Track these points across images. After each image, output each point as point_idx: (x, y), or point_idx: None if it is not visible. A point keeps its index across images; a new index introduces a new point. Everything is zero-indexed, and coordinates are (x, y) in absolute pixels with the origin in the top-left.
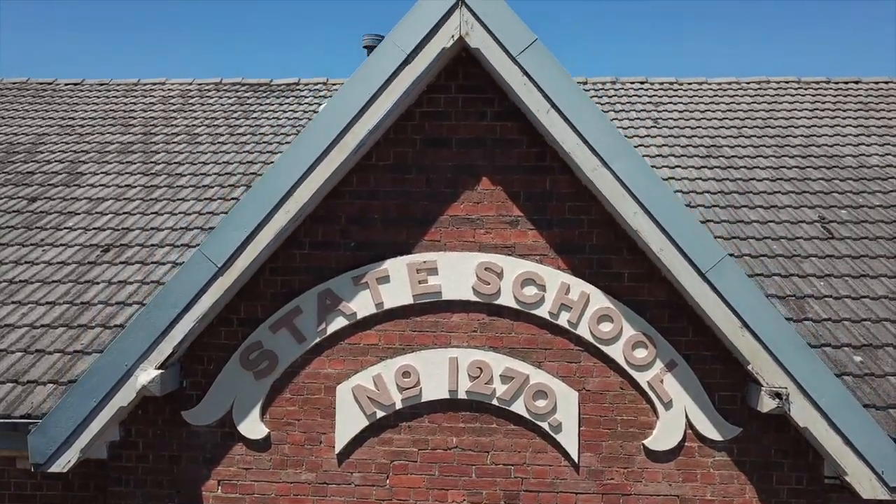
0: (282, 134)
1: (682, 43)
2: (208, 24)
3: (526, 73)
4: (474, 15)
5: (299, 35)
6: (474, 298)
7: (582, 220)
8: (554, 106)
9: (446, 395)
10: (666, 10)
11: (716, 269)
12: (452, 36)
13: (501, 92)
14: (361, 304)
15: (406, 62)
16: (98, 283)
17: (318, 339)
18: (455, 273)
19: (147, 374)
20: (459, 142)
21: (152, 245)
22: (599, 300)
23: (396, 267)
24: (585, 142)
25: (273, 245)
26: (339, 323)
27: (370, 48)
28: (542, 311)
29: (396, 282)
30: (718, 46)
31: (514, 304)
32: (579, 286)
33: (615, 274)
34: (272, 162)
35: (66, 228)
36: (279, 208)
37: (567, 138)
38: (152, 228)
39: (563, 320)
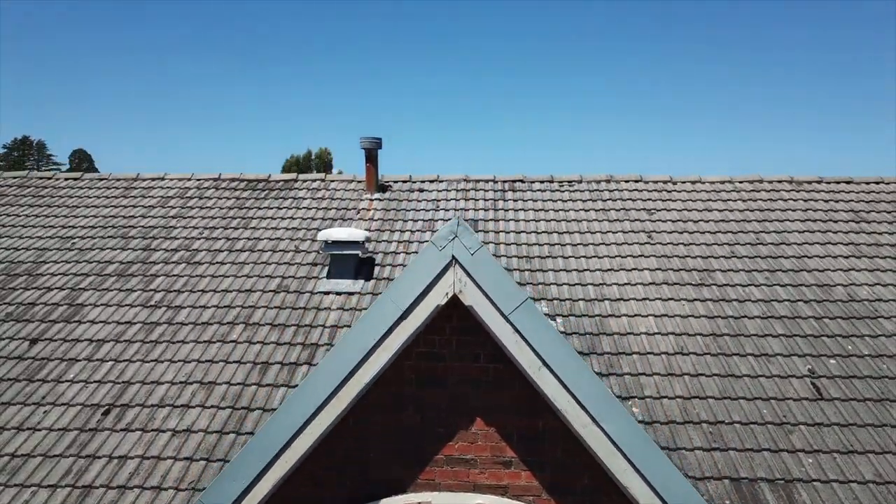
0: (280, 251)
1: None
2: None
3: (518, 332)
4: (468, 273)
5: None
6: None
7: (575, 461)
8: (546, 364)
9: None
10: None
11: None
12: (447, 293)
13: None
14: None
15: (402, 317)
16: (99, 458)
17: None
18: None
19: None
20: (454, 382)
21: (152, 405)
22: None
23: None
24: (577, 400)
25: (270, 491)
26: None
27: (368, 150)
28: None
29: None
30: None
31: None
32: None
33: None
34: (270, 291)
35: (66, 381)
36: (278, 458)
37: (559, 396)
38: (152, 382)
39: None
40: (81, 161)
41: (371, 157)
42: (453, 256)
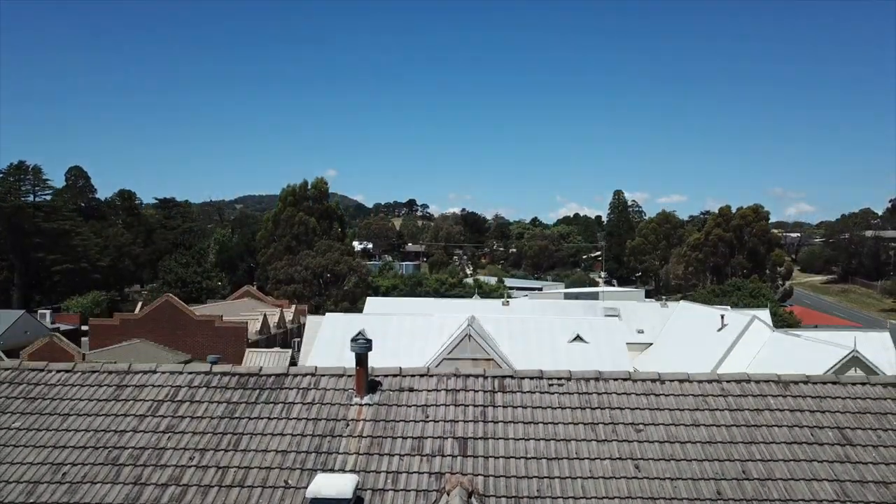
0: (269, 486)
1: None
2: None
3: None
4: None
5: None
6: None
7: None
8: None
9: None
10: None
11: None
12: None
13: None
14: None
15: None
16: None
17: None
18: None
19: None
20: None
21: None
22: None
23: None
24: None
25: None
26: None
27: (359, 355)
28: None
29: None
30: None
31: None
32: None
33: None
34: None
35: None
36: None
37: None
38: None
39: None
40: (78, 178)
41: (361, 361)
42: None
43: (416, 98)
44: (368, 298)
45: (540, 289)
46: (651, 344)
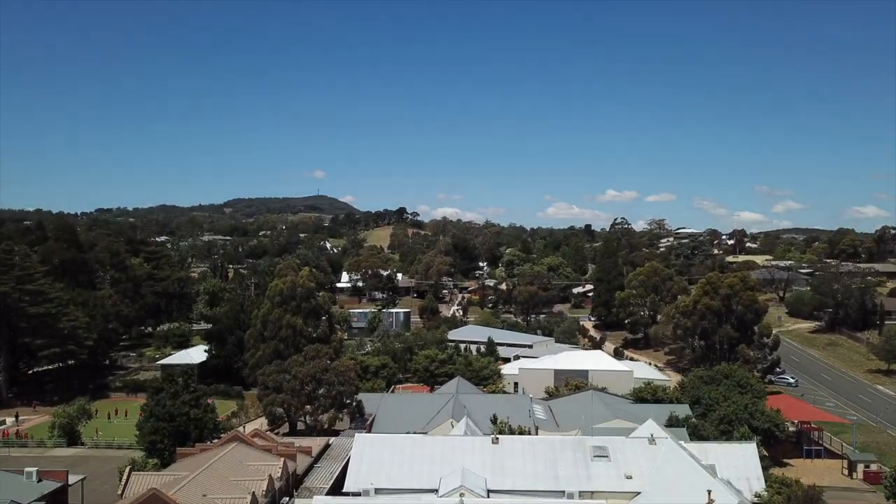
0: None
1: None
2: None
3: None
4: None
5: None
6: None
7: None
8: None
9: None
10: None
11: None
12: None
13: None
14: None
15: None
16: None
17: None
18: None
19: None
20: None
21: None
22: None
23: None
24: None
25: None
26: None
27: None
28: None
29: None
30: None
31: None
32: None
33: None
34: None
35: None
36: None
37: None
38: None
39: None
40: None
41: None
42: None
43: (404, 99)
44: (357, 436)
45: (530, 346)
46: (639, 493)
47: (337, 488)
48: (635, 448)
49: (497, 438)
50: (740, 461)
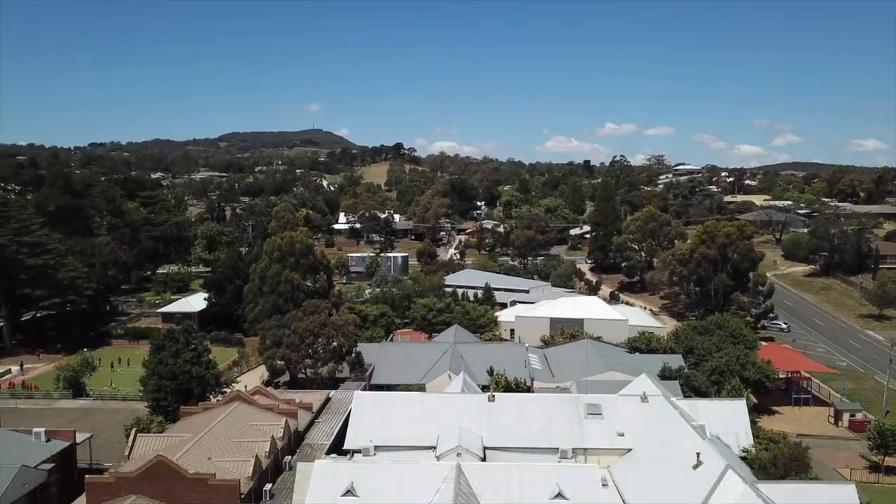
0: None
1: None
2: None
3: None
4: None
5: None
6: None
7: None
8: None
9: None
10: None
11: None
12: None
13: None
14: None
15: None
16: None
17: None
18: None
19: None
20: None
21: None
22: None
23: None
24: None
25: None
26: None
27: None
28: None
29: None
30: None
31: None
32: None
33: None
34: None
35: None
36: None
37: None
38: None
39: None
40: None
41: None
42: None
43: (400, 30)
44: (356, 394)
45: (527, 291)
46: (630, 450)
47: (338, 445)
48: (628, 406)
49: (493, 396)
50: (729, 417)
